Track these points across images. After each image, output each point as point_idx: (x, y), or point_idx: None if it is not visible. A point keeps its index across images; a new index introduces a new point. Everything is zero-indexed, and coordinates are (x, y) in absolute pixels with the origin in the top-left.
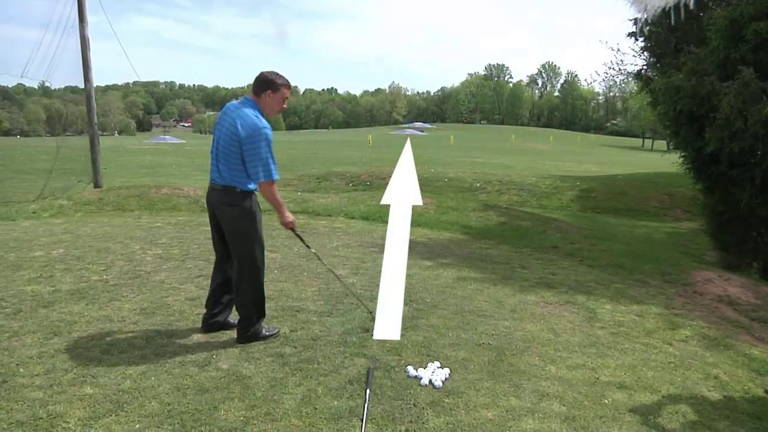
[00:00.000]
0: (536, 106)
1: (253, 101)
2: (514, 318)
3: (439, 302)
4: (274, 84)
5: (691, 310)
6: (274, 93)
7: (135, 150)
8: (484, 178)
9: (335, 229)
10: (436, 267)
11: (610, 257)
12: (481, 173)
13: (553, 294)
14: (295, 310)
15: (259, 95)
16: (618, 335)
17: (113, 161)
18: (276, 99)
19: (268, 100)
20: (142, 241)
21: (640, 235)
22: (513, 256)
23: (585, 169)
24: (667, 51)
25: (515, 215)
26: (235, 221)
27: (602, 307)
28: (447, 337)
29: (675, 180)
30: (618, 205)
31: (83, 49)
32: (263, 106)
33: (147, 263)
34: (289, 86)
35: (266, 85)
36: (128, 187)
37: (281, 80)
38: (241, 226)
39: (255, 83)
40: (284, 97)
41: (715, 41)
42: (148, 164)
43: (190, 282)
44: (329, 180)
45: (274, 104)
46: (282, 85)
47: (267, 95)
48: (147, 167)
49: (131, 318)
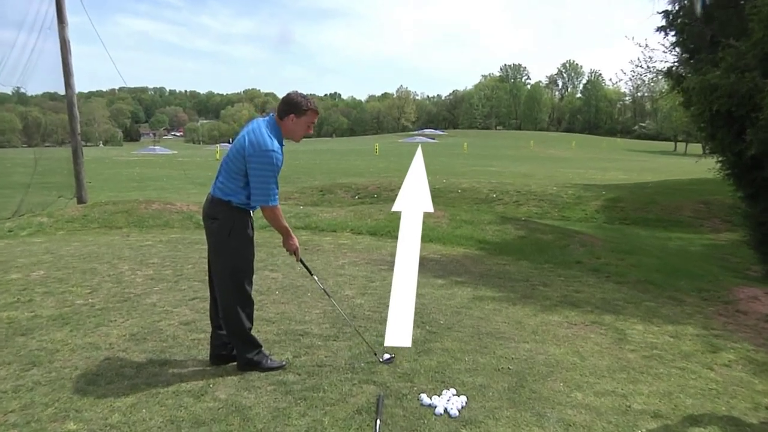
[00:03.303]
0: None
1: (275, 122)
2: (536, 340)
3: (454, 324)
4: (298, 107)
5: (733, 331)
6: (298, 117)
7: (122, 162)
8: (501, 188)
9: (341, 246)
10: (450, 285)
11: (640, 273)
12: (497, 183)
13: (577, 314)
14: (299, 334)
15: (282, 118)
16: (651, 359)
17: (98, 174)
18: (300, 124)
19: (290, 124)
20: (131, 261)
21: (673, 249)
22: (533, 273)
23: (611, 177)
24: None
25: (535, 228)
26: (215, 235)
27: (632, 328)
28: (463, 362)
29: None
30: (648, 216)
31: (63, 52)
32: (285, 130)
33: (137, 285)
34: (316, 111)
35: (291, 108)
36: (115, 203)
37: (308, 104)
38: (219, 242)
39: (280, 104)
40: (310, 122)
41: (759, 32)
42: (136, 177)
43: (184, 305)
44: (334, 192)
45: (298, 129)
46: (309, 110)
47: (290, 120)
48: (135, 180)
49: (120, 345)
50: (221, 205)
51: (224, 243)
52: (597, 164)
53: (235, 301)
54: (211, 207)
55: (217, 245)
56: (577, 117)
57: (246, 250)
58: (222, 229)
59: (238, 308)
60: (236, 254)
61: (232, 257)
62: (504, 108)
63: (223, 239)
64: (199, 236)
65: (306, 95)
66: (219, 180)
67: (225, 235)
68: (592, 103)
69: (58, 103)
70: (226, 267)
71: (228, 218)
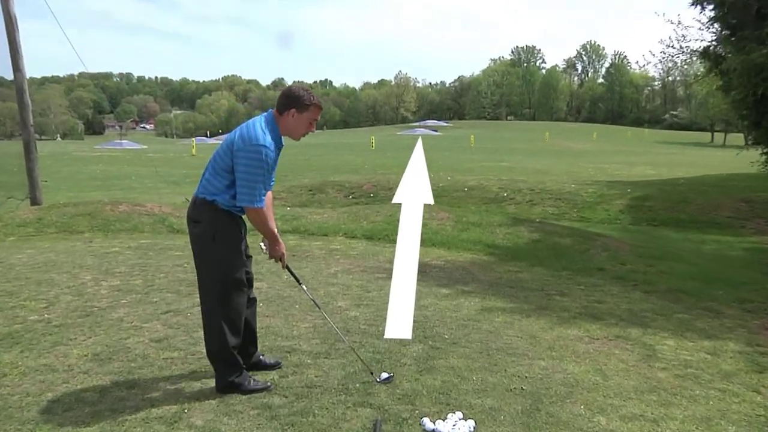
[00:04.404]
0: (575, 97)
1: (273, 118)
2: (553, 357)
3: (461, 338)
4: (300, 102)
5: None
6: (299, 113)
7: (84, 158)
8: (513, 186)
9: (333, 252)
10: (456, 296)
11: (672, 281)
12: (508, 180)
13: (600, 327)
14: (286, 351)
15: (282, 113)
16: (685, 378)
17: (56, 172)
18: (302, 121)
19: (290, 120)
20: (94, 270)
21: (709, 253)
22: (549, 281)
23: (638, 173)
24: (745, 20)
25: (551, 231)
26: (197, 241)
27: (663, 343)
28: (471, 382)
29: (755, 182)
30: (680, 216)
31: (9, 29)
32: (284, 127)
33: (101, 297)
34: (320, 107)
35: (292, 102)
36: (76, 204)
37: (312, 99)
38: (202, 248)
39: (280, 98)
40: (312, 119)
41: None
42: (100, 175)
43: (155, 319)
44: (325, 192)
45: (298, 126)
46: (312, 105)
47: (291, 115)
48: (99, 179)
49: (81, 366)
50: (205, 206)
51: (208, 250)
52: (621, 158)
53: (219, 318)
54: (194, 208)
55: (200, 252)
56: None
57: (234, 258)
58: (205, 233)
59: (223, 325)
60: (222, 263)
61: (217, 266)
62: (516, 96)
63: (206, 245)
64: (173, 242)
65: (308, 89)
66: (204, 177)
67: (208, 241)
68: (615, 90)
69: (5, 89)
70: (209, 278)
71: (212, 221)
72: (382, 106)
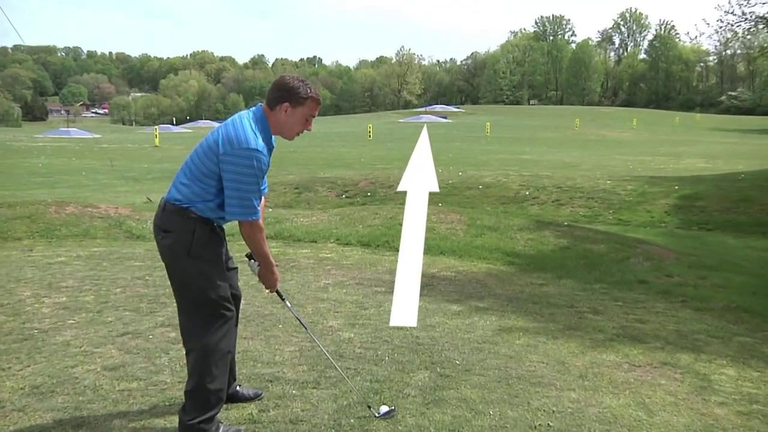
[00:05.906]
0: (612, 76)
1: (263, 114)
2: (585, 387)
3: (474, 365)
4: (295, 94)
5: None
6: (293, 107)
7: (22, 149)
8: (536, 182)
9: (323, 261)
10: (469, 313)
11: (730, 296)
12: (531, 176)
13: (642, 351)
14: (267, 380)
15: (272, 108)
16: (750, 416)
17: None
18: (296, 116)
19: (283, 116)
20: (35, 284)
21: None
22: (580, 296)
23: (687, 166)
24: None
25: (582, 236)
26: (167, 255)
27: (720, 372)
28: (486, 417)
29: None
30: (740, 218)
31: None
32: (275, 124)
33: (43, 317)
34: (318, 101)
35: (285, 95)
36: (12, 205)
37: (308, 91)
38: (175, 264)
39: (271, 90)
40: (309, 115)
41: None
42: (43, 170)
43: (109, 343)
44: (313, 190)
45: (291, 123)
46: (308, 98)
47: (283, 110)
48: (42, 175)
49: (15, 402)
50: (177, 213)
51: (181, 265)
52: (667, 149)
53: (202, 349)
54: (163, 216)
55: (174, 269)
56: (639, 86)
57: (214, 272)
58: (176, 245)
59: (207, 358)
60: (201, 280)
61: (196, 284)
62: (540, 75)
63: (179, 260)
64: (131, 250)
65: (305, 79)
66: (179, 180)
67: (181, 255)
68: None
69: None
70: (185, 299)
71: (184, 231)
72: (381, 88)
